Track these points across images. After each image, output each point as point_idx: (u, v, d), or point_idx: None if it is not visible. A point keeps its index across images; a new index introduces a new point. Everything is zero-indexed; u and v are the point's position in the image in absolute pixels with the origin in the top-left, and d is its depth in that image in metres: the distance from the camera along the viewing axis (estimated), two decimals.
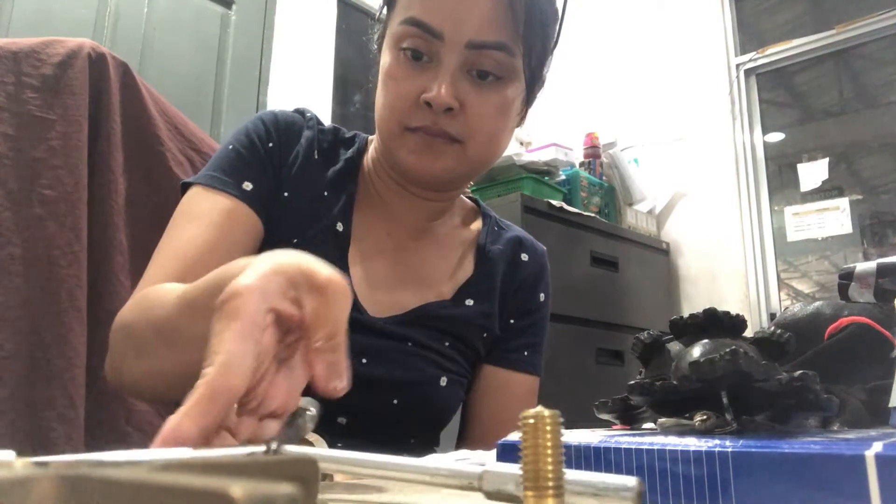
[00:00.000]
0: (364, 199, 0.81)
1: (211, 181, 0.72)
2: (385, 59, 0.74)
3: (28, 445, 0.79)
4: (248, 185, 0.73)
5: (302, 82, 2.82)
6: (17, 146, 0.85)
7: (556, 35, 0.77)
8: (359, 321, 0.74)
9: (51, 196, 0.86)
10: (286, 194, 0.76)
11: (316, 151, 0.79)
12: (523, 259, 0.88)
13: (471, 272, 0.83)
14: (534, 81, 0.76)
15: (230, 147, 0.75)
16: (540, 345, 0.88)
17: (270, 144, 0.77)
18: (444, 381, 0.77)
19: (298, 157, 0.78)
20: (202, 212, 0.69)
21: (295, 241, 0.74)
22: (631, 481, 0.26)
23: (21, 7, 2.08)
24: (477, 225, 0.89)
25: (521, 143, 2.61)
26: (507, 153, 2.40)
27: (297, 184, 0.77)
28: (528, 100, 0.78)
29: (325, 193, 0.78)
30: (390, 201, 0.81)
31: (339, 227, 0.77)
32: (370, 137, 0.85)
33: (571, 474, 0.27)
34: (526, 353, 0.86)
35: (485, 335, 0.83)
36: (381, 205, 0.81)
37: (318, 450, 0.38)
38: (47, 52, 0.89)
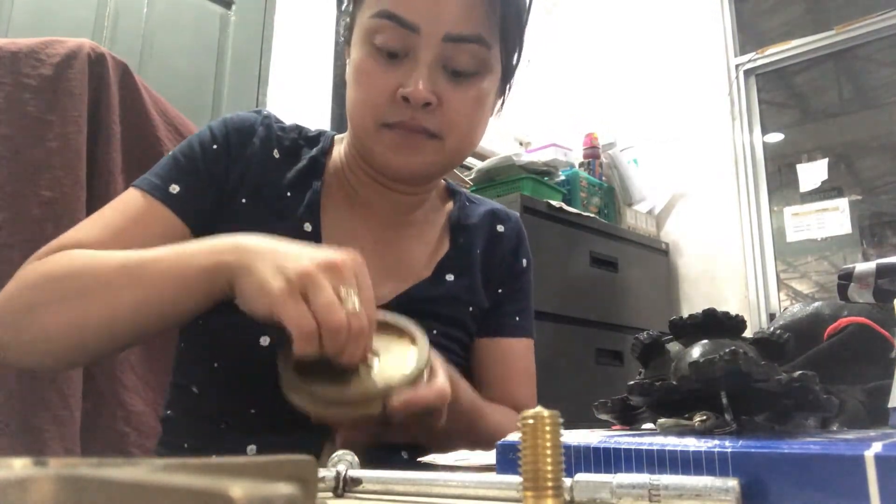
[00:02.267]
0: (338, 197, 0.80)
1: (141, 182, 0.73)
2: (356, 53, 0.73)
3: (21, 446, 0.79)
4: (174, 188, 0.73)
5: (301, 82, 2.82)
6: (15, 147, 0.85)
7: (524, 24, 0.76)
8: None
9: (49, 197, 0.85)
10: (244, 200, 0.75)
11: (276, 150, 0.79)
12: (500, 231, 0.88)
13: (447, 248, 0.83)
14: (509, 72, 0.76)
15: (171, 153, 0.77)
16: (529, 308, 0.89)
17: (215, 146, 0.76)
18: None
19: (254, 156, 0.77)
20: (125, 205, 0.72)
21: None
22: (730, 482, 0.26)
23: (21, 7, 2.08)
24: (450, 205, 0.89)
25: (521, 144, 2.60)
26: (506, 153, 2.40)
27: (255, 186, 0.76)
28: (504, 90, 0.79)
29: (289, 194, 0.77)
30: (366, 197, 0.80)
31: (308, 227, 0.76)
32: (337, 136, 0.85)
33: (668, 479, 0.26)
34: (518, 318, 0.87)
35: (471, 309, 0.82)
36: (358, 201, 0.81)
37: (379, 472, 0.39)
38: (46, 53, 0.89)
